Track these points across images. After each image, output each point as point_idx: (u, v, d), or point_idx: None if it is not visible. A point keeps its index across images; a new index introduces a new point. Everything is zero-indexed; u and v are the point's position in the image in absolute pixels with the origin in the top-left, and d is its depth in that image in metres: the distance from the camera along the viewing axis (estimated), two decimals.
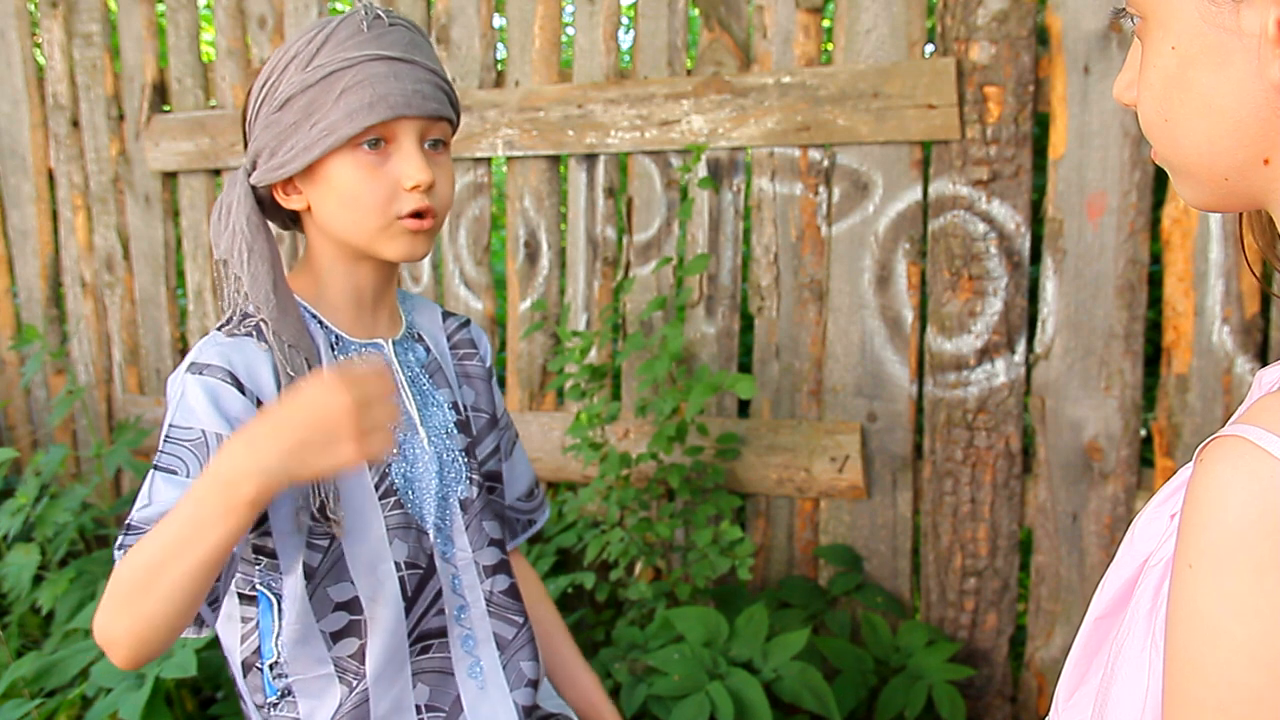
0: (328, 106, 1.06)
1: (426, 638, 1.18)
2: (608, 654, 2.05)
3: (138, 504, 1.02)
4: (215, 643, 1.91)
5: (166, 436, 1.04)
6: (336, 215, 1.11)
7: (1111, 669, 0.59)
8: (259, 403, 1.07)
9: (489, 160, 2.56)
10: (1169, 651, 0.50)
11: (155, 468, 1.03)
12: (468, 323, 1.34)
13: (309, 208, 1.14)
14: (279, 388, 1.08)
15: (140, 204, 2.98)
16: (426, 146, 1.12)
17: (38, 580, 2.55)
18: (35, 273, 3.18)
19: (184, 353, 3.01)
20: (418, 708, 1.17)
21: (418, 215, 1.11)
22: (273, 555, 1.12)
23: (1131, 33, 0.63)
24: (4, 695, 2.01)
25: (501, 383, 2.58)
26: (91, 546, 2.76)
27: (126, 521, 1.01)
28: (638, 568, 2.23)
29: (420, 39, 1.12)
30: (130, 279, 3.05)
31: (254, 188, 1.14)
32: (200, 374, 1.05)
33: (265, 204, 1.16)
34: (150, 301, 3.01)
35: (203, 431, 1.03)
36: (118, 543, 1.00)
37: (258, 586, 1.14)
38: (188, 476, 1.02)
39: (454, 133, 1.17)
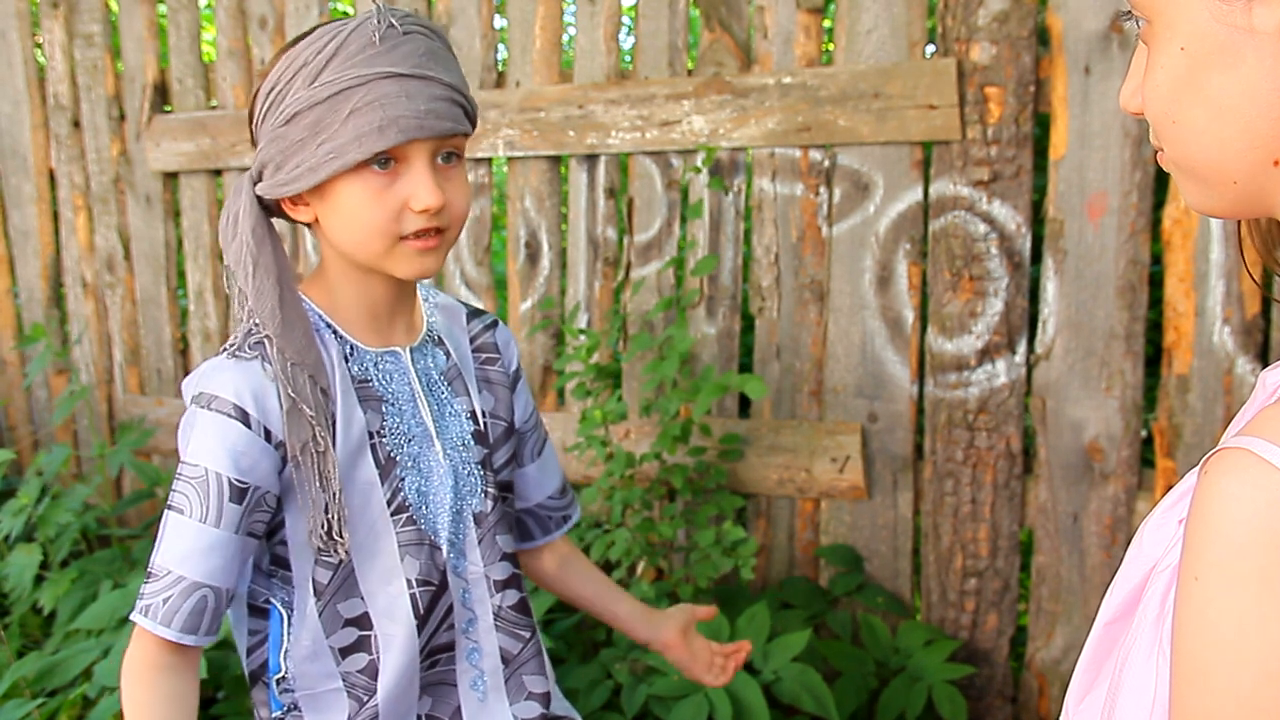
0: (335, 127, 1.02)
1: (436, 652, 1.17)
2: (608, 654, 2.05)
3: (157, 545, 1.07)
4: (220, 644, 1.92)
5: (178, 473, 1.07)
6: (342, 234, 1.09)
7: (1119, 675, 0.59)
8: (267, 432, 1.07)
9: (489, 160, 2.56)
10: (1175, 663, 0.50)
11: (168, 506, 1.07)
12: (495, 324, 1.30)
13: (316, 220, 1.11)
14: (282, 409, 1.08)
15: (141, 204, 2.98)
16: (439, 161, 1.08)
17: (39, 580, 2.55)
18: (36, 273, 3.19)
19: (185, 353, 3.01)
20: (419, 717, 1.17)
21: (424, 235, 1.08)
22: (287, 567, 1.12)
23: (1135, 36, 0.62)
24: (6, 695, 2.01)
25: None
26: (93, 546, 2.76)
27: (148, 569, 1.07)
28: (640, 568, 2.24)
29: (437, 45, 1.07)
30: (131, 279, 3.05)
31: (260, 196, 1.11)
32: (208, 408, 1.06)
33: (273, 208, 1.13)
34: (151, 302, 3.01)
35: (206, 470, 1.05)
36: (140, 589, 1.06)
37: (271, 600, 1.14)
38: (191, 516, 1.05)
39: (468, 138, 1.13)
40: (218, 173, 2.87)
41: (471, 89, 2.49)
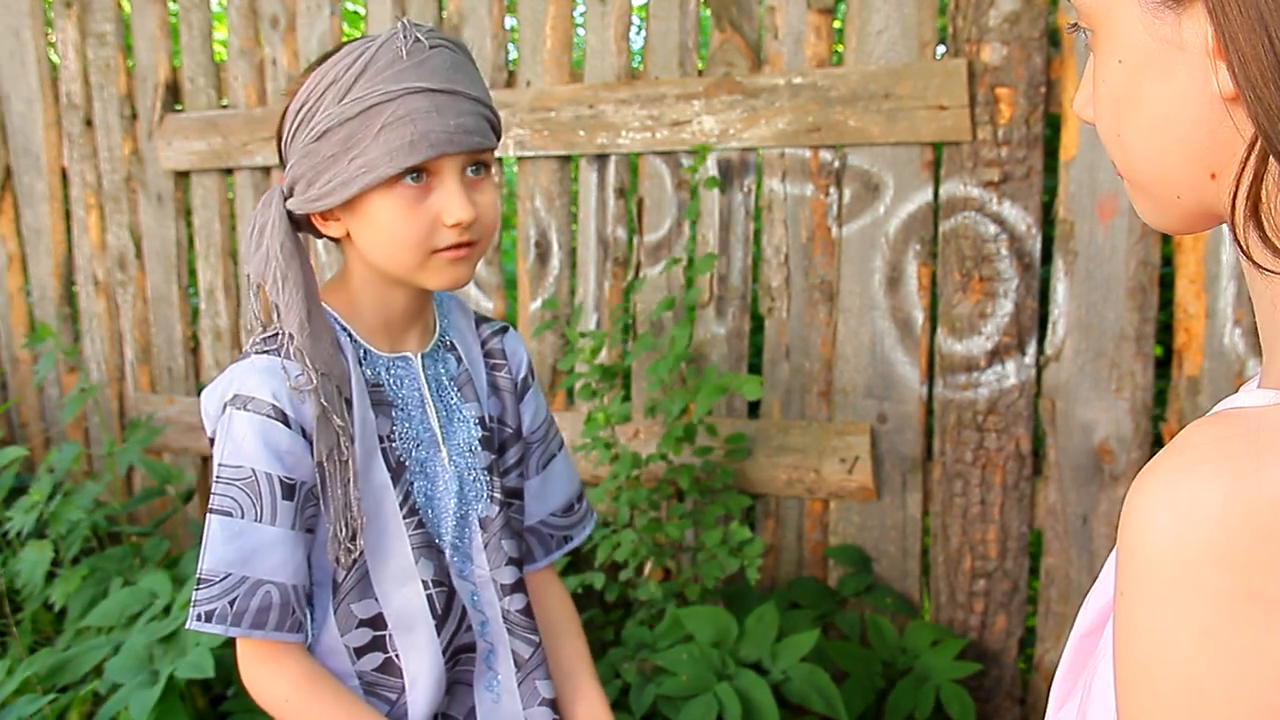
0: (366, 142, 1.03)
1: (460, 652, 1.19)
2: (617, 654, 2.06)
3: (203, 551, 1.07)
4: (231, 641, 1.92)
5: (218, 477, 1.08)
6: (375, 248, 1.10)
7: (1088, 688, 0.60)
8: (303, 431, 1.08)
9: (500, 160, 2.57)
10: (1114, 676, 0.53)
11: (211, 511, 1.07)
12: (505, 329, 1.31)
13: (348, 235, 1.12)
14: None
15: (153, 203, 2.99)
16: (469, 173, 1.09)
17: (50, 577, 2.56)
18: (48, 271, 3.20)
19: (196, 351, 3.02)
20: (435, 715, 1.18)
21: (457, 246, 1.09)
22: (310, 564, 1.13)
23: (1086, 45, 0.63)
24: (17, 691, 2.02)
25: None
26: (104, 544, 2.77)
27: (198, 575, 1.07)
28: (647, 568, 2.24)
29: (462, 59, 1.08)
30: (142, 278, 3.06)
31: (290, 211, 1.12)
32: (245, 409, 1.07)
33: (301, 222, 1.14)
34: (162, 300, 3.03)
35: (253, 470, 1.06)
36: (193, 599, 1.06)
37: None
38: (242, 517, 1.06)
39: (494, 152, 1.15)
40: (229, 172, 2.88)
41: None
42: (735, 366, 2.34)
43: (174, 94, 2.95)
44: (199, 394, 2.99)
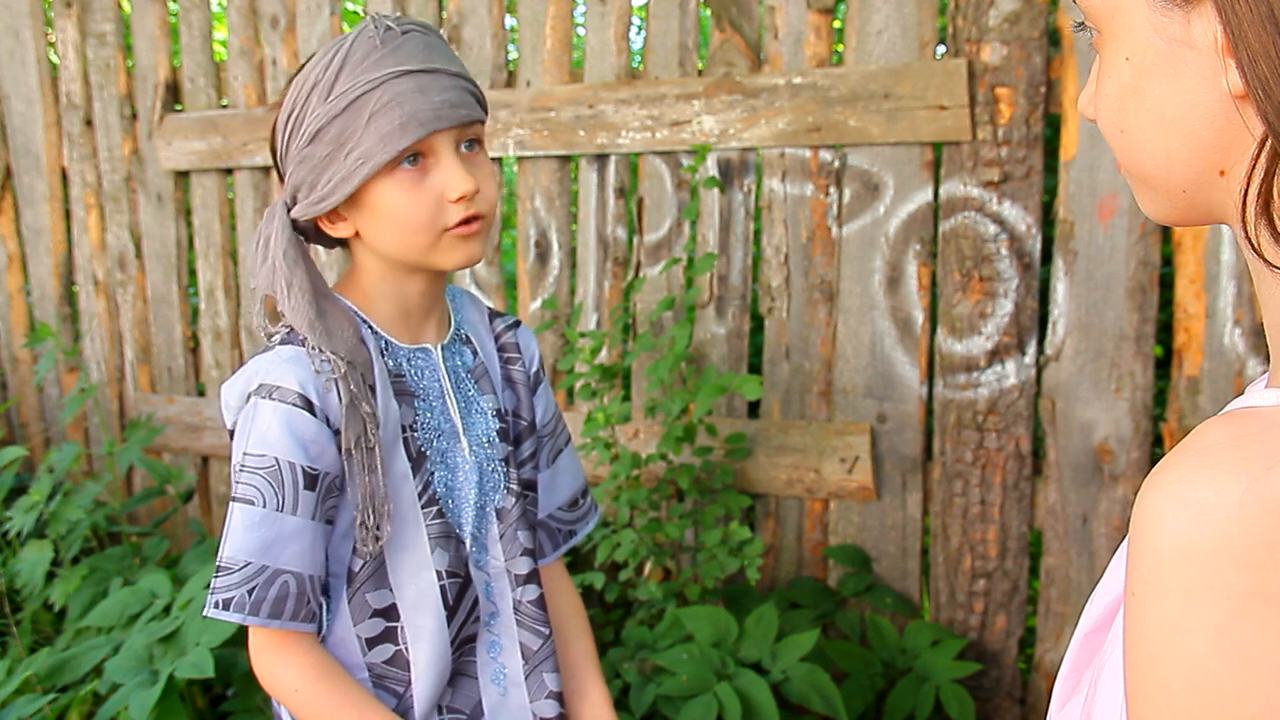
0: (359, 134, 1.04)
1: (463, 644, 1.20)
2: (617, 654, 2.06)
3: (224, 539, 1.07)
4: (231, 640, 1.92)
5: (242, 465, 1.08)
6: (386, 238, 1.11)
7: (1095, 686, 0.60)
8: (328, 421, 1.08)
9: (500, 160, 2.57)
10: (1125, 675, 0.53)
11: (233, 499, 1.07)
12: (517, 324, 1.32)
13: (357, 233, 1.13)
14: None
15: (153, 203, 2.99)
16: (463, 149, 1.11)
17: (50, 577, 2.56)
18: (48, 271, 3.20)
19: (195, 351, 3.02)
20: (440, 708, 1.19)
21: (466, 222, 1.10)
22: (327, 555, 1.14)
23: (1090, 45, 0.63)
24: (17, 691, 2.02)
25: None
26: (104, 544, 2.77)
27: (218, 562, 1.07)
28: (647, 568, 2.24)
29: (435, 39, 1.10)
30: (142, 278, 3.06)
31: (295, 220, 1.13)
32: (271, 398, 1.07)
33: (309, 232, 1.15)
34: (162, 300, 3.03)
35: (276, 460, 1.06)
36: (211, 587, 1.07)
37: None
38: (264, 506, 1.06)
39: (484, 126, 1.16)
40: (229, 171, 2.88)
41: (482, 89, 2.51)
42: (735, 366, 2.34)
43: (174, 94, 2.95)
44: (199, 394, 3.01)
